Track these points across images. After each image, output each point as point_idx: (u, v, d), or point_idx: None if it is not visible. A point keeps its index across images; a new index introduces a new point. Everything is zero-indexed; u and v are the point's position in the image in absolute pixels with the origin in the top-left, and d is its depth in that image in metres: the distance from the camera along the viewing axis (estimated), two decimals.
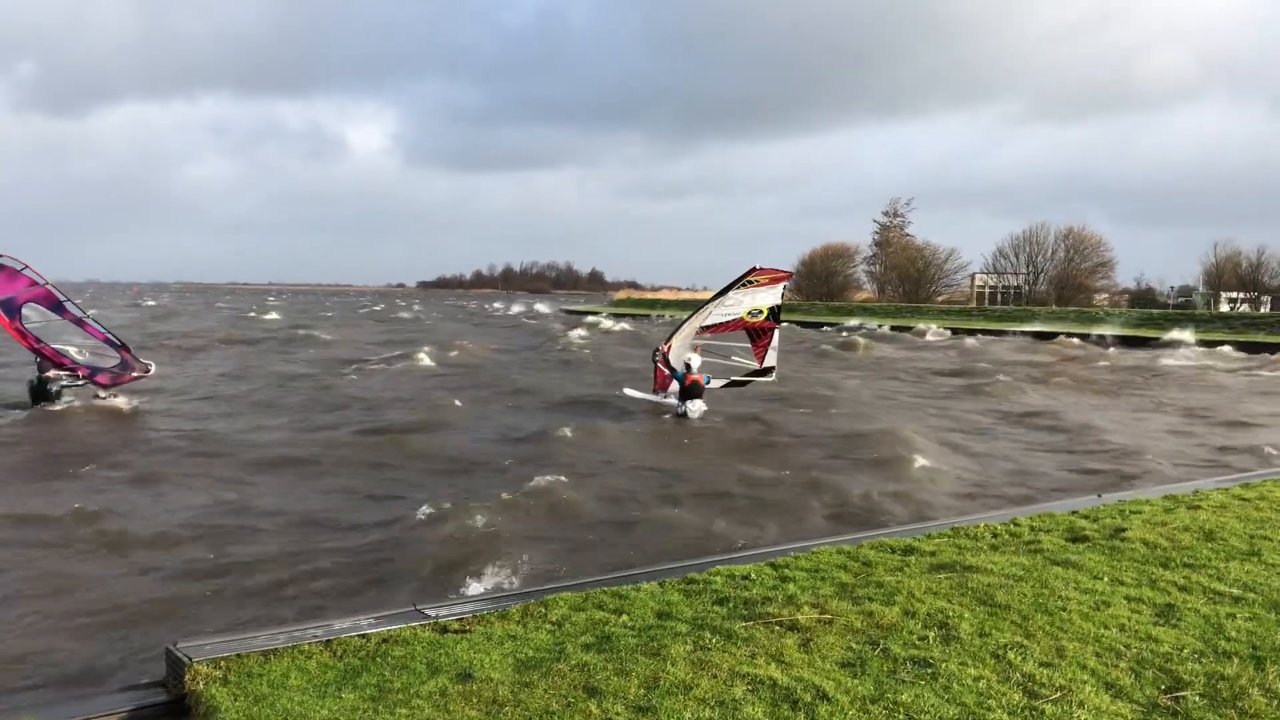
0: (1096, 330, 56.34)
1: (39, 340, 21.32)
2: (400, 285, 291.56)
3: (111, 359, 21.91)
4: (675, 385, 21.12)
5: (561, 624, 6.02)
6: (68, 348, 21.78)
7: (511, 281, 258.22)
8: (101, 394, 21.65)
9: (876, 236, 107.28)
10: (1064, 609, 6.12)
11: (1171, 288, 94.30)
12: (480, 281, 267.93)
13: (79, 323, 21.39)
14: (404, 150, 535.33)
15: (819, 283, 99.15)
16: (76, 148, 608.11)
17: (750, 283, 21.15)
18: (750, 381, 22.75)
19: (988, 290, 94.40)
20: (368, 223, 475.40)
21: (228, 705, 4.89)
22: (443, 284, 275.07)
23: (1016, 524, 8.57)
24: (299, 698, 4.96)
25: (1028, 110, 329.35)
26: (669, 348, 21.52)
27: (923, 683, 5.02)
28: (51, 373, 21.07)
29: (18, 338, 21.24)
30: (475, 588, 8.96)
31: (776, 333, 22.17)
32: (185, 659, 5.39)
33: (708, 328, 21.91)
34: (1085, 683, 5.04)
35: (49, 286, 21.17)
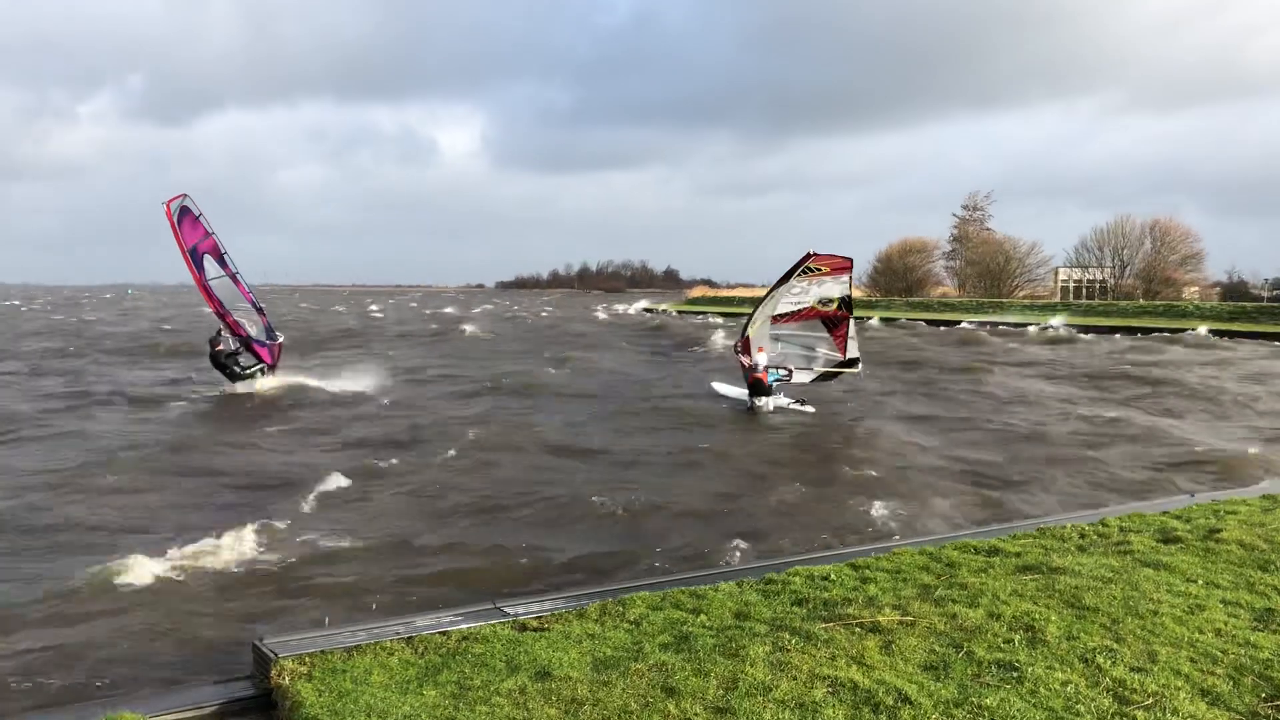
0: None
1: (223, 307, 23.43)
2: (480, 285, 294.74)
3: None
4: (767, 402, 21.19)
5: (639, 623, 6.01)
6: (244, 320, 24.22)
7: (587, 281, 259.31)
8: (265, 373, 24.01)
9: (954, 231, 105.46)
10: (1156, 612, 5.93)
11: (1266, 279, 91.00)
12: (557, 281, 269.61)
13: (234, 279, 23.97)
14: (493, 152, 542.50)
15: (896, 278, 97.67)
16: (179, 155, 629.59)
17: (810, 270, 21.04)
18: (839, 374, 22.79)
19: (1072, 284, 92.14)
20: (452, 224, 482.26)
21: (312, 700, 4.98)
22: (520, 284, 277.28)
23: (1105, 524, 8.34)
24: (381, 694, 5.03)
25: (1129, 100, 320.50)
26: (746, 340, 21.57)
27: (1008, 686, 4.90)
28: (221, 346, 23.46)
29: (206, 298, 23.34)
30: None
31: (852, 323, 22.16)
32: (271, 654, 5.51)
33: (780, 316, 21.96)
34: (1179, 689, 4.87)
35: (215, 237, 23.46)
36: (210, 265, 23.23)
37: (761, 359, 21.18)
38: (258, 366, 24.07)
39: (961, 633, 5.64)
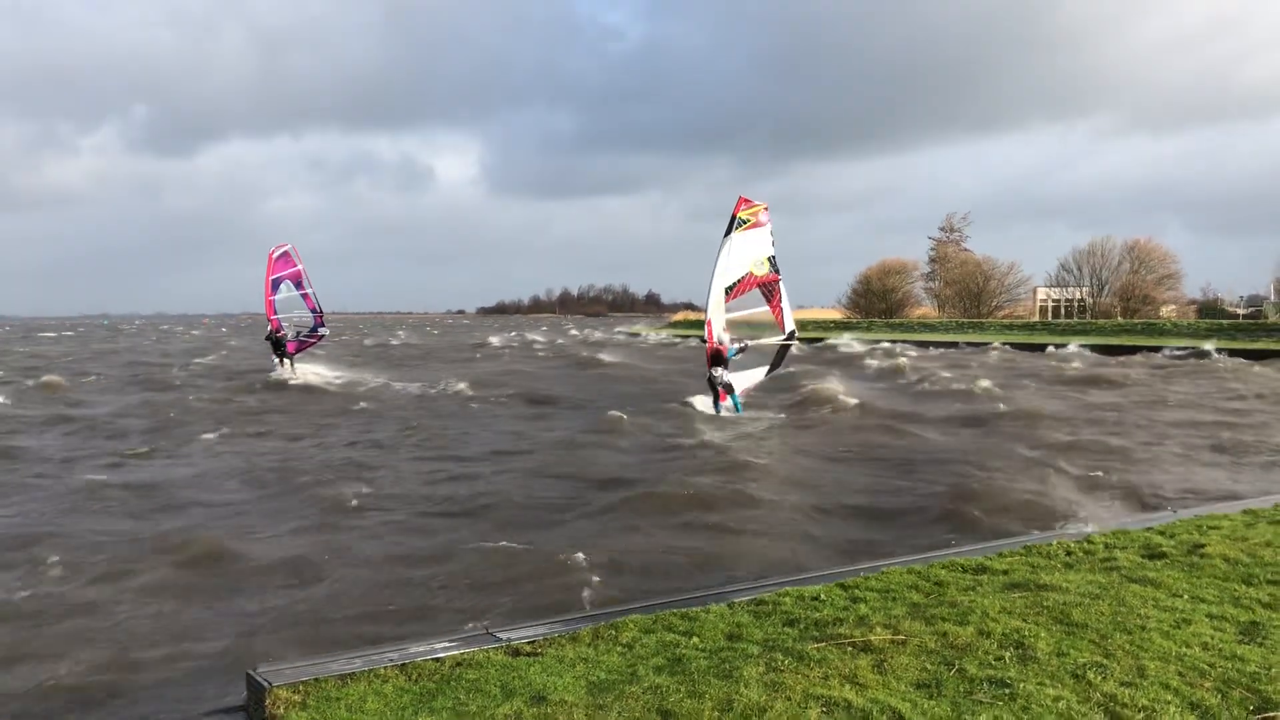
0: None
1: (276, 313, 34.97)
2: (460, 312, 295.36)
3: (303, 330, 37.37)
4: (726, 377, 22.21)
5: (632, 646, 6.03)
6: (285, 324, 35.83)
7: (568, 306, 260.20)
8: (287, 363, 34.79)
9: (932, 252, 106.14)
10: (1144, 627, 6.00)
11: (1241, 297, 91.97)
12: (538, 306, 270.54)
13: (305, 296, 36.29)
14: (492, 179, 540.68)
15: (876, 299, 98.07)
16: (177, 184, 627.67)
17: (744, 222, 22.70)
18: (787, 351, 24.24)
19: (1050, 304, 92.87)
20: (444, 251, 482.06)
21: None
22: (501, 309, 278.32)
23: (1090, 541, 8.41)
24: None
25: (1124, 122, 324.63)
26: (712, 333, 22.34)
27: (1001, 703, 4.95)
28: (283, 333, 35.11)
29: (269, 310, 34.89)
30: None
31: (784, 287, 23.56)
32: (265, 683, 5.50)
33: (730, 291, 22.96)
34: (1169, 703, 4.93)
35: (301, 268, 36.10)
36: (287, 287, 35.53)
37: (725, 337, 22.45)
38: (289, 356, 35.13)
39: (953, 650, 5.68)
